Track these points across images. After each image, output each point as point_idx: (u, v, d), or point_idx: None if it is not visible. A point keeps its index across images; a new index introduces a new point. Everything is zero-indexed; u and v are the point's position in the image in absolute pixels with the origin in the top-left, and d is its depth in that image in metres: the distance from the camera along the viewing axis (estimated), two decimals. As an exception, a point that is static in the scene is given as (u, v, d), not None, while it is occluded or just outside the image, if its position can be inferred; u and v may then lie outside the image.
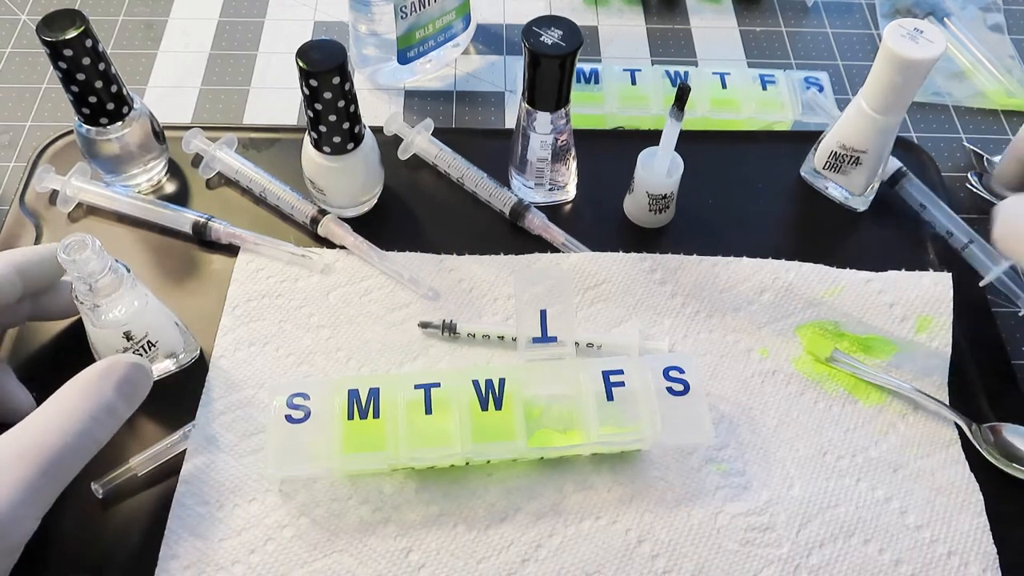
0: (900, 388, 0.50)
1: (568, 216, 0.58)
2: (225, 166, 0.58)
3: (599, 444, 0.44)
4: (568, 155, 0.56)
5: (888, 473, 0.47)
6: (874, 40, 0.74)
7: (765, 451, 0.48)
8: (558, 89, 0.50)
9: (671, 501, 0.45)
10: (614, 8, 0.76)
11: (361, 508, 0.45)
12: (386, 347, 0.51)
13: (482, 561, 0.43)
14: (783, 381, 0.50)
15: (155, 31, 0.72)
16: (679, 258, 0.55)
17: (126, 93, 0.53)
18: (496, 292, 0.54)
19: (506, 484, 0.46)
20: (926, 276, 0.55)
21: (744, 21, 0.75)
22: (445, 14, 0.65)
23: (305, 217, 0.56)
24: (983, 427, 0.48)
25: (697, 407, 0.45)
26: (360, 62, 0.67)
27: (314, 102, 0.49)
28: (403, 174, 0.60)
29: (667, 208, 0.56)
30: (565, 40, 0.47)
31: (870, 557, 0.44)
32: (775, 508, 0.45)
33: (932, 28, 0.49)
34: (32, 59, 0.69)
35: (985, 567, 0.44)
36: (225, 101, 0.67)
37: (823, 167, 0.58)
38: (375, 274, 0.54)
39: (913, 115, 0.69)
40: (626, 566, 0.43)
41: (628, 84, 0.64)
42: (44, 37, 0.47)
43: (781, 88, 0.64)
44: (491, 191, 0.57)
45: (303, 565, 0.43)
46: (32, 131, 0.65)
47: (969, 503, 0.46)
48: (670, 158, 0.53)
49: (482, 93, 0.69)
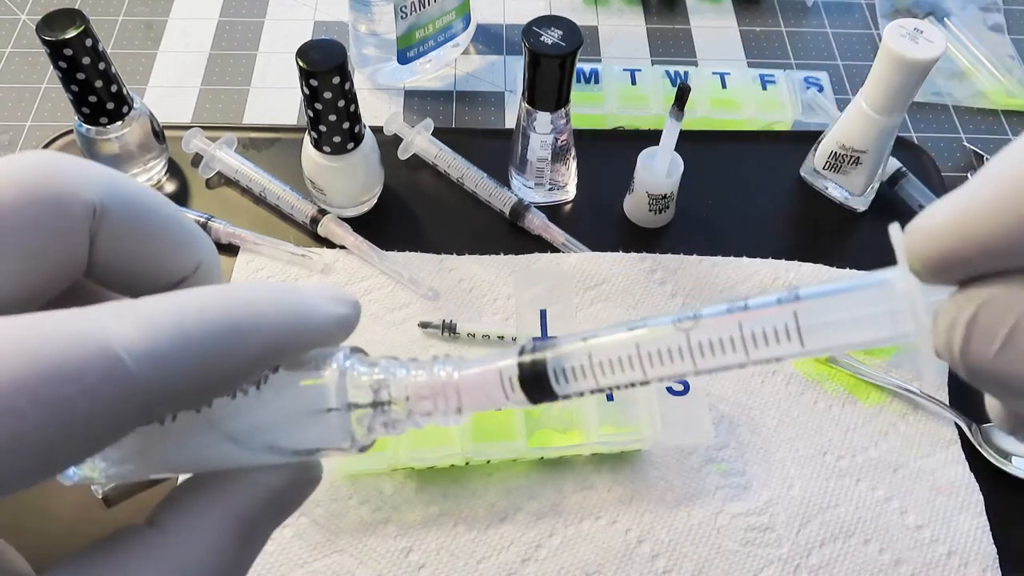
0: (900, 388, 0.50)
1: (568, 216, 0.58)
2: (225, 166, 0.58)
3: (599, 444, 0.44)
4: (568, 155, 0.56)
5: (888, 473, 0.47)
6: (874, 40, 0.74)
7: (765, 451, 0.48)
8: (558, 89, 0.50)
9: (671, 501, 0.45)
10: (614, 8, 0.76)
11: (361, 508, 0.45)
12: (386, 347, 0.51)
13: (482, 561, 0.43)
14: (783, 381, 0.50)
15: (155, 31, 0.72)
16: (679, 258, 0.55)
17: (126, 93, 0.53)
18: (496, 292, 0.54)
19: (506, 484, 0.46)
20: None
21: (744, 21, 0.75)
22: (445, 14, 0.65)
23: (305, 217, 0.56)
24: (983, 427, 0.48)
25: (697, 407, 0.45)
26: (360, 62, 0.67)
27: (314, 102, 0.49)
28: (403, 174, 0.60)
29: (667, 208, 0.56)
30: (565, 40, 0.47)
31: (870, 557, 0.44)
32: (775, 508, 0.45)
33: (932, 28, 0.49)
34: (32, 59, 0.69)
35: (985, 567, 0.44)
36: (225, 101, 0.67)
37: (823, 167, 0.58)
38: (375, 274, 0.54)
39: (913, 115, 0.69)
40: (626, 566, 0.43)
41: (628, 84, 0.64)
42: (44, 37, 0.47)
43: (781, 88, 0.64)
44: (491, 191, 0.57)
45: (303, 565, 0.43)
46: (32, 131, 0.65)
47: (969, 503, 0.46)
48: (670, 158, 0.53)
49: (482, 93, 0.69)
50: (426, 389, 0.18)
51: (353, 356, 0.19)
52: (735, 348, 0.17)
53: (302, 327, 0.18)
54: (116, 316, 0.15)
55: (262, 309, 0.17)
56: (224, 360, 0.16)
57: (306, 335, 0.18)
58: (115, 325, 0.15)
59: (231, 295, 0.17)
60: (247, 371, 0.17)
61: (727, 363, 0.18)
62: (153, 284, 0.20)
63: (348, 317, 0.19)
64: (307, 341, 0.18)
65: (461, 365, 0.19)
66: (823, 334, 0.17)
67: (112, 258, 0.19)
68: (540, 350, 0.18)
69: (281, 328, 0.17)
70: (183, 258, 0.20)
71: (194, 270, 0.20)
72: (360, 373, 0.18)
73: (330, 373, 0.18)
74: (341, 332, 0.19)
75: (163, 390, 0.15)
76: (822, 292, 0.17)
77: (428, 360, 0.19)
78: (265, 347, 0.17)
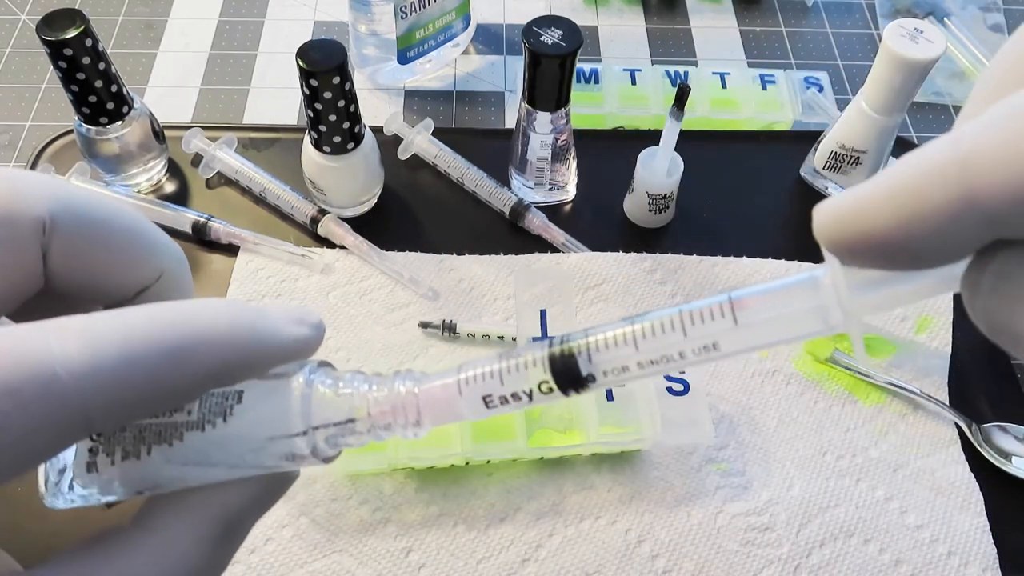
0: (900, 388, 0.50)
1: (568, 216, 0.58)
2: (225, 166, 0.58)
3: (599, 444, 0.44)
4: (568, 155, 0.56)
5: (888, 473, 0.47)
6: (874, 40, 0.74)
7: (765, 451, 0.48)
8: (558, 89, 0.50)
9: (671, 501, 0.45)
10: (614, 8, 0.76)
11: (361, 508, 0.45)
12: (386, 347, 0.51)
13: (482, 561, 0.43)
14: (783, 381, 0.50)
15: (155, 31, 0.72)
16: (679, 258, 0.55)
17: (126, 93, 0.53)
18: (496, 292, 0.54)
19: (506, 484, 0.46)
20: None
21: (744, 21, 0.75)
22: (445, 14, 0.65)
23: (305, 217, 0.56)
24: (983, 427, 0.48)
25: (697, 407, 0.45)
26: (360, 62, 0.67)
27: (314, 102, 0.49)
28: (403, 174, 0.60)
29: (667, 208, 0.56)
30: (565, 40, 0.47)
31: (870, 557, 0.44)
32: (775, 508, 0.45)
33: (932, 28, 0.49)
34: (32, 59, 0.69)
35: (985, 567, 0.44)
36: (225, 101, 0.67)
37: (823, 167, 0.58)
38: (375, 274, 0.54)
39: (913, 115, 0.69)
40: (626, 566, 0.43)
41: (628, 84, 0.64)
42: (44, 37, 0.47)
43: (781, 88, 0.64)
44: (491, 191, 0.57)
45: (303, 565, 0.43)
46: (32, 131, 0.65)
47: (969, 503, 0.46)
48: (670, 158, 0.53)
49: (482, 93, 0.69)
50: (387, 404, 0.19)
51: (319, 371, 0.20)
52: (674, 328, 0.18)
53: (258, 347, 0.18)
54: (60, 332, 0.15)
55: (215, 327, 0.17)
56: (170, 377, 0.16)
57: (263, 354, 0.18)
58: (58, 341, 0.15)
59: (182, 312, 0.17)
60: (197, 387, 0.17)
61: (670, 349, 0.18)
62: (114, 294, 0.20)
63: (308, 339, 0.19)
64: (264, 360, 0.18)
65: (422, 380, 0.20)
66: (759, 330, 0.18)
67: (67, 271, 0.19)
68: (565, 342, 0.19)
69: (234, 347, 0.17)
70: (143, 267, 0.20)
71: (156, 279, 0.20)
72: (325, 389, 0.19)
73: (295, 398, 0.19)
74: (301, 353, 0.19)
75: (105, 405, 0.15)
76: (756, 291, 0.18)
77: (390, 375, 0.20)
78: (215, 365, 0.17)
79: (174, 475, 0.19)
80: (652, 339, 0.18)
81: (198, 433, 0.19)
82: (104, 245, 0.19)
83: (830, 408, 0.50)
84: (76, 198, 0.19)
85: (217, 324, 0.17)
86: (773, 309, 0.18)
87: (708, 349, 0.18)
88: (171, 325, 0.16)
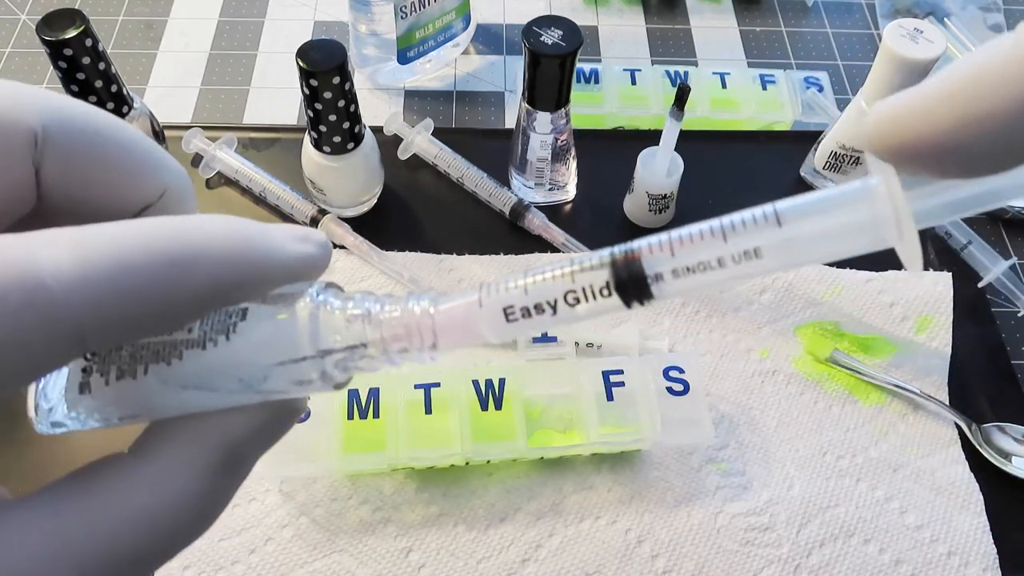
0: (900, 388, 0.50)
1: (568, 216, 0.58)
2: (225, 166, 0.58)
3: (599, 444, 0.44)
4: (568, 155, 0.56)
5: (888, 473, 0.47)
6: (874, 40, 0.74)
7: (765, 451, 0.48)
8: (558, 89, 0.50)
9: (671, 501, 0.45)
10: (614, 8, 0.76)
11: (361, 508, 0.45)
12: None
13: (482, 561, 0.43)
14: (783, 381, 0.50)
15: (155, 31, 0.72)
16: (679, 258, 0.55)
17: (126, 93, 0.53)
18: (496, 292, 0.53)
19: (506, 484, 0.46)
20: (926, 276, 0.55)
21: (744, 21, 0.75)
22: (445, 14, 0.65)
23: (305, 217, 0.56)
24: (983, 427, 0.48)
25: (697, 407, 0.45)
26: (360, 62, 0.67)
27: (314, 102, 0.49)
28: (403, 174, 0.60)
29: (667, 208, 0.56)
30: (565, 40, 0.47)
31: (870, 557, 0.44)
32: (775, 508, 0.45)
33: (932, 28, 0.49)
34: (32, 59, 0.69)
35: (985, 567, 0.44)
36: (225, 101, 0.67)
37: (823, 167, 0.58)
38: (375, 274, 0.54)
39: (913, 115, 0.69)
40: (626, 566, 0.43)
41: (628, 84, 0.64)
42: (44, 37, 0.47)
43: (781, 88, 0.64)
44: (491, 191, 0.57)
45: (303, 565, 0.43)
46: (32, 131, 0.65)
47: (969, 503, 0.46)
48: (670, 158, 0.53)
49: (482, 93, 0.69)
50: (400, 326, 0.18)
51: (327, 291, 0.18)
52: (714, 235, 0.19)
53: (261, 262, 0.16)
54: (50, 243, 0.14)
55: (215, 241, 0.16)
56: (167, 292, 0.15)
57: (264, 272, 0.17)
58: (47, 251, 0.14)
59: (180, 226, 0.16)
60: (197, 305, 0.16)
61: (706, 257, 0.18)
62: (113, 213, 0.18)
63: (313, 256, 0.18)
64: (266, 278, 0.17)
65: (438, 300, 0.18)
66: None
67: (62, 187, 0.18)
68: (625, 252, 0.19)
69: (234, 263, 0.16)
70: (143, 184, 0.18)
71: (158, 197, 0.19)
72: (333, 310, 0.18)
73: (302, 319, 0.17)
74: (306, 271, 0.18)
75: (97, 320, 0.14)
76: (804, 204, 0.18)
77: (403, 295, 0.18)
78: (214, 281, 0.16)
79: (173, 401, 0.17)
80: (691, 245, 0.19)
81: (198, 351, 0.17)
82: (102, 159, 0.18)
83: (830, 408, 0.50)
84: (72, 109, 0.17)
85: (217, 238, 0.16)
86: (820, 221, 0.17)
87: (750, 256, 0.18)
88: (169, 238, 0.15)
